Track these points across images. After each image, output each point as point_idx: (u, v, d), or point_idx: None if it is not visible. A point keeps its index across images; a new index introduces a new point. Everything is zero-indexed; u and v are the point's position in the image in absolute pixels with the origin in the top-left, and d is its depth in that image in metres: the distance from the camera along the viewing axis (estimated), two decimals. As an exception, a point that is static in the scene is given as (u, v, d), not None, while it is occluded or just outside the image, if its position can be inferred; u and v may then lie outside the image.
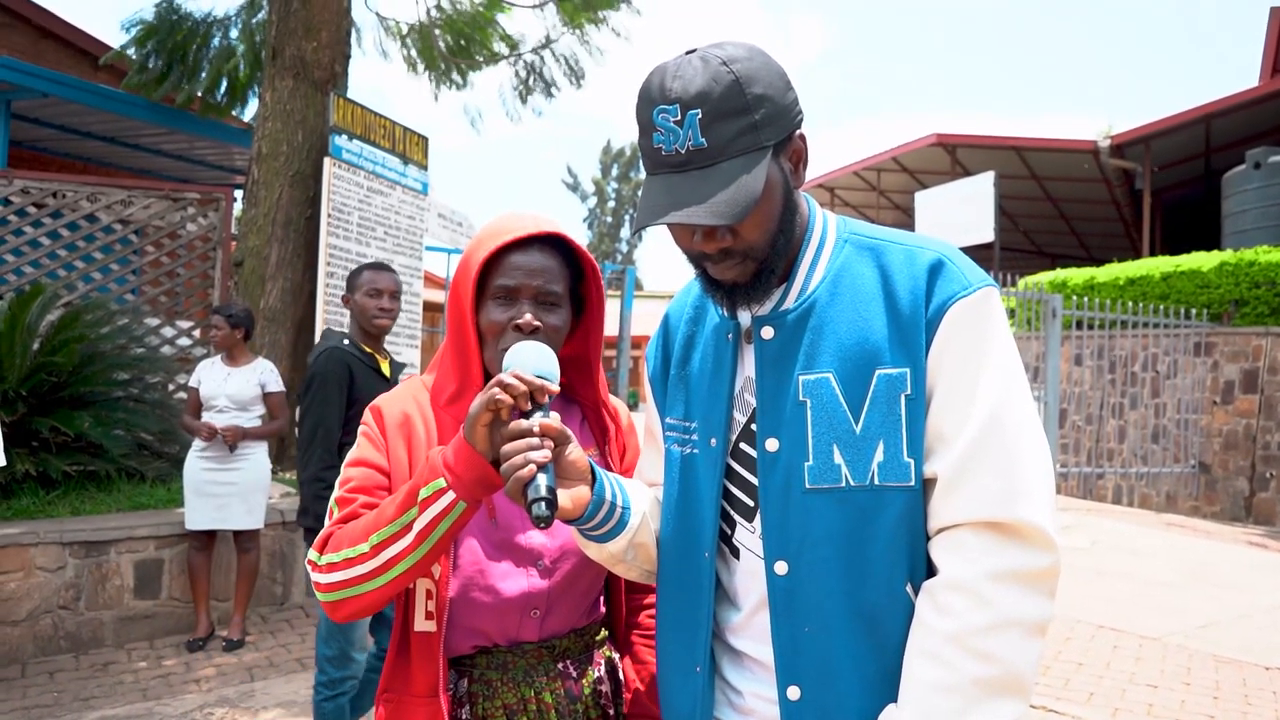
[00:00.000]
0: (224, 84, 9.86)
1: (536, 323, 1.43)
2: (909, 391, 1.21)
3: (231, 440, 5.00)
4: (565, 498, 1.26)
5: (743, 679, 1.34)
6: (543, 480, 1.18)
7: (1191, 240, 17.34)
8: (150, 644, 5.18)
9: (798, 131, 1.25)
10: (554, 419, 1.25)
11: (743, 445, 1.33)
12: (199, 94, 9.82)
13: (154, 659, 4.94)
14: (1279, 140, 14.99)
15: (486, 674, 1.48)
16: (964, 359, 1.21)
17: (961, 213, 15.71)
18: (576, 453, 1.29)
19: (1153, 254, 16.32)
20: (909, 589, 1.23)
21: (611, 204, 48.16)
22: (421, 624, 1.46)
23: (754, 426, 1.30)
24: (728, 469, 1.34)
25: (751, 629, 1.32)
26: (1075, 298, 11.67)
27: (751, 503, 1.31)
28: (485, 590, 1.45)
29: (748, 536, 1.32)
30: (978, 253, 16.65)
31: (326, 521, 1.43)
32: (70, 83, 9.27)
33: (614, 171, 48.26)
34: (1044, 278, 14.01)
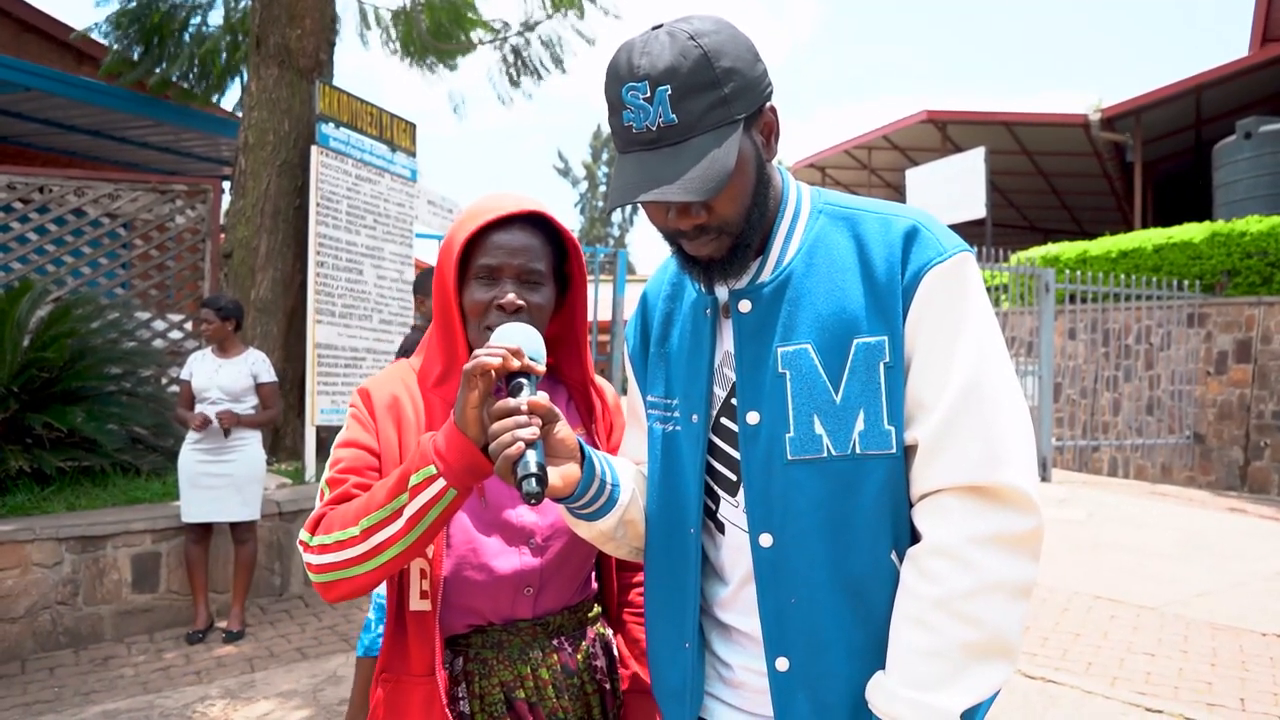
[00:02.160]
0: (202, 70, 9.79)
1: (519, 302, 1.43)
2: (887, 359, 1.21)
3: (227, 424, 4.99)
4: (555, 475, 1.25)
5: (732, 652, 1.35)
6: (532, 457, 1.16)
7: (1183, 212, 17.37)
8: (150, 637, 5.18)
9: (768, 104, 1.24)
10: (541, 397, 1.24)
11: (724, 420, 1.32)
12: (176, 79, 9.74)
13: (154, 652, 4.94)
14: (1269, 110, 14.99)
15: (482, 652, 1.49)
16: (941, 325, 1.21)
17: (953, 189, 15.72)
18: (565, 431, 1.28)
19: (1144, 226, 16.34)
20: (894, 556, 1.23)
21: (603, 188, 48.01)
22: (417, 603, 1.46)
23: (734, 401, 1.30)
24: (710, 444, 1.34)
25: (739, 602, 1.32)
26: (1068, 272, 11.68)
27: (735, 477, 1.31)
28: (478, 569, 1.45)
29: (732, 511, 1.32)
30: (970, 228, 16.65)
31: (318, 502, 1.43)
32: (53, 76, 9.19)
33: (604, 156, 48.08)
34: (1036, 252, 14.01)
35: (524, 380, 1.26)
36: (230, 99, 10.23)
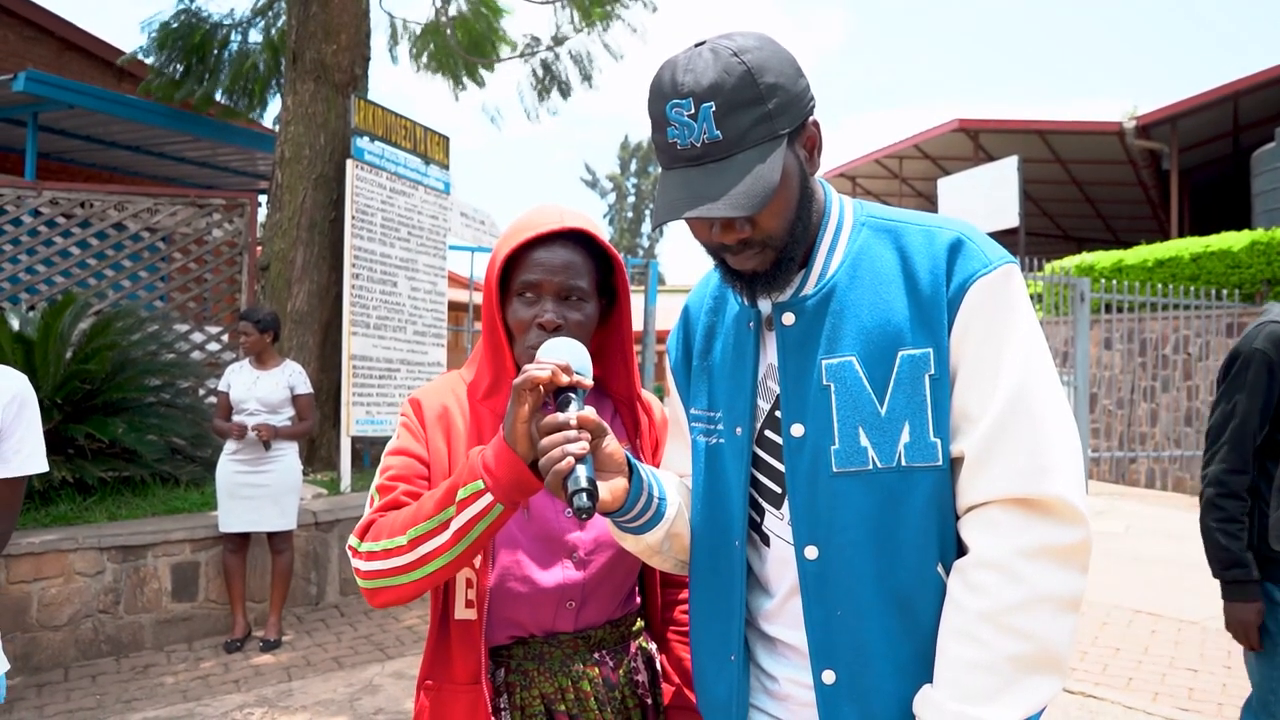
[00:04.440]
0: (243, 87, 9.94)
1: (559, 320, 1.44)
2: (933, 371, 1.21)
3: (266, 437, 5.05)
4: (604, 489, 1.25)
5: (778, 665, 1.34)
6: (582, 472, 1.17)
7: (1221, 220, 17.14)
8: (189, 646, 5.24)
9: (811, 118, 1.24)
10: (589, 412, 1.24)
11: (768, 433, 1.33)
12: (217, 97, 9.91)
13: (193, 660, 5.00)
14: (1309, 116, 14.75)
15: (524, 664, 1.50)
16: (987, 337, 1.20)
17: (985, 198, 15.60)
18: (613, 445, 1.29)
19: (1181, 235, 16.13)
20: (940, 569, 1.23)
21: (631, 199, 48.15)
22: (462, 612, 1.47)
23: (778, 413, 1.30)
24: (754, 457, 1.34)
25: (784, 615, 1.32)
26: (1103, 281, 11.56)
27: (779, 489, 1.31)
28: (521, 581, 1.47)
29: (777, 523, 1.32)
30: (1003, 238, 16.52)
31: (368, 509, 1.45)
32: (95, 93, 9.38)
33: (633, 167, 48.24)
34: (1071, 262, 13.87)
35: (572, 395, 1.26)
36: (270, 114, 10.39)
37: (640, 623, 1.64)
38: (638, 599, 1.65)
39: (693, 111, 1.15)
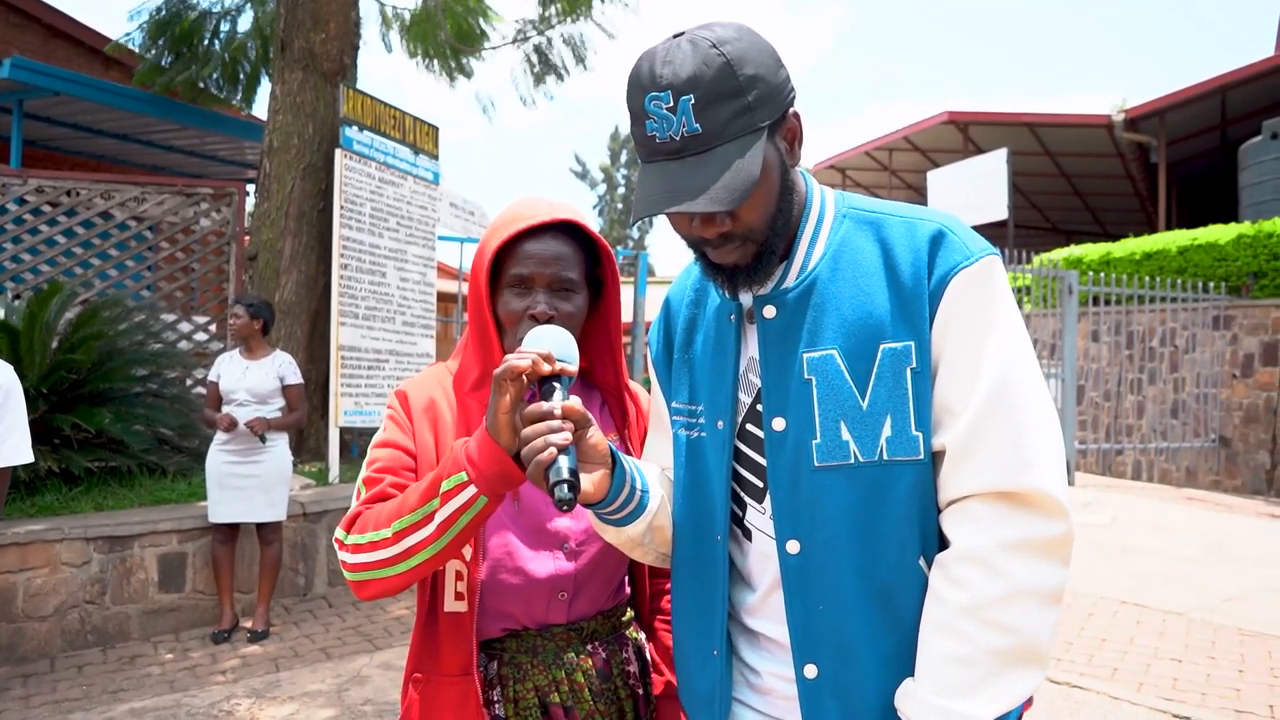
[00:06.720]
0: (231, 75, 9.89)
1: (551, 312, 1.44)
2: (914, 365, 1.21)
3: (259, 430, 5.03)
4: (586, 481, 1.24)
5: (760, 659, 1.34)
6: (564, 463, 1.16)
7: (1208, 213, 17.23)
8: (176, 636, 5.23)
9: (791, 110, 1.23)
10: (574, 402, 1.24)
11: (749, 426, 1.32)
12: (205, 85, 9.86)
13: (180, 651, 4.99)
14: (1296, 109, 14.81)
15: (517, 657, 1.49)
16: (968, 329, 1.20)
17: (974, 191, 15.62)
18: (597, 436, 1.27)
19: (1169, 228, 16.21)
20: (922, 563, 1.23)
21: (621, 190, 48.02)
22: (452, 604, 1.47)
23: (760, 407, 1.30)
24: (736, 451, 1.33)
25: (767, 609, 1.32)
26: (1091, 274, 11.61)
27: (761, 484, 1.31)
28: (513, 572, 1.46)
29: (758, 518, 1.32)
30: (992, 230, 16.57)
31: (354, 501, 1.44)
32: (81, 81, 9.31)
33: (623, 158, 48.08)
34: (1059, 254, 13.91)
35: (556, 385, 1.25)
36: (260, 103, 10.37)
37: (630, 613, 1.65)
38: (627, 590, 1.66)
39: (671, 104, 1.14)
